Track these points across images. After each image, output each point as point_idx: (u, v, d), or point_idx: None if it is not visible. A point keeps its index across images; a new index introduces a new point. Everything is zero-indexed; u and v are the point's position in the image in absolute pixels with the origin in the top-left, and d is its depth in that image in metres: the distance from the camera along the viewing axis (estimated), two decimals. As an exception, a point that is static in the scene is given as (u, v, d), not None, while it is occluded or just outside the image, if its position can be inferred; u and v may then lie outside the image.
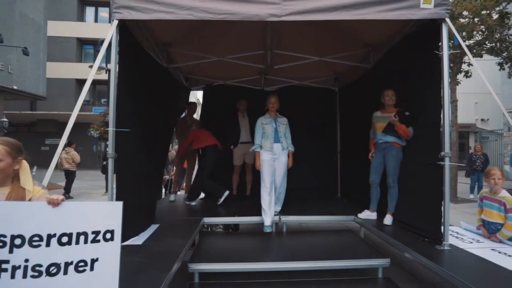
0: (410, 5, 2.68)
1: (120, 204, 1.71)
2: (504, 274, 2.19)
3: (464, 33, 7.93)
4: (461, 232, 3.23)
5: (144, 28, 3.35)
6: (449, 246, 2.71)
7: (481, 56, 9.16)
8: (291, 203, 4.44)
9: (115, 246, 1.66)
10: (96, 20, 22.91)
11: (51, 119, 20.46)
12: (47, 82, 13.25)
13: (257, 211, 3.86)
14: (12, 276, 1.43)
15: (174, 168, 6.45)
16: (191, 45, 4.26)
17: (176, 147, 7.49)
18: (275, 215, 3.88)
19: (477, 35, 7.81)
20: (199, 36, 4.04)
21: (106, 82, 21.15)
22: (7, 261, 1.43)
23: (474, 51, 8.86)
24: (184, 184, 6.09)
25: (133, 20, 2.76)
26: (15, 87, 10.17)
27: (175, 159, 5.63)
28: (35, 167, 14.96)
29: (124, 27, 2.77)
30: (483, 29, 7.18)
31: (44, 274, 1.48)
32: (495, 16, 7.26)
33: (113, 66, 2.63)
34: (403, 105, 3.49)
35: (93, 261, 1.59)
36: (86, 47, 22.86)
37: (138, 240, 2.93)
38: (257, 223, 3.91)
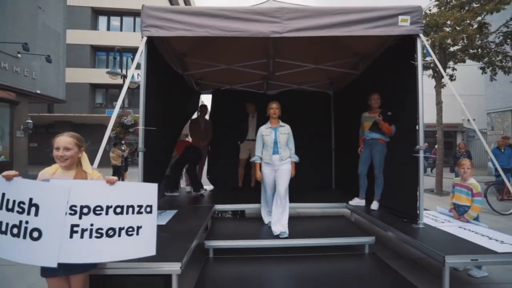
0: (390, 23, 3.03)
1: (155, 185, 2.08)
2: (465, 244, 2.55)
3: (449, 40, 8.27)
4: (436, 215, 3.58)
5: (165, 42, 3.71)
6: (423, 224, 3.07)
7: (464, 61, 9.49)
8: (290, 194, 4.77)
9: (153, 217, 2.03)
10: (108, 29, 23.29)
11: (67, 121, 20.81)
12: (63, 86, 13.68)
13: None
14: (81, 236, 1.80)
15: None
16: (203, 55, 4.62)
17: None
18: (280, 237, 3.37)
19: (460, 42, 8.14)
20: (210, 47, 4.39)
21: (118, 86, 21.56)
22: (77, 225, 1.80)
23: (458, 56, 9.21)
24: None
25: (158, 37, 3.11)
26: (38, 91, 10.54)
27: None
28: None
29: (151, 42, 3.14)
30: (464, 37, 7.50)
31: (104, 235, 1.85)
32: (475, 26, 7.59)
33: (143, 75, 2.99)
34: (387, 106, 3.84)
35: (138, 228, 1.96)
36: (99, 54, 23.26)
37: (162, 221, 3.30)
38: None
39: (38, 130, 20.47)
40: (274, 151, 3.55)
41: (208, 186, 5.93)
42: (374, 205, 3.94)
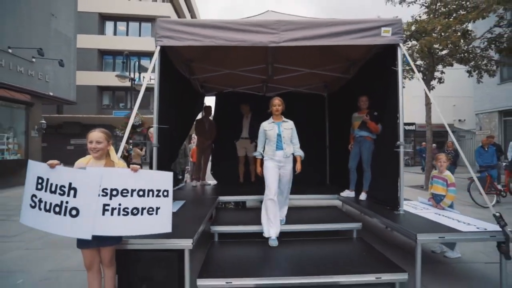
0: (374, 34, 3.34)
1: (171, 173, 2.40)
2: (436, 226, 2.86)
3: (437, 45, 8.58)
4: (416, 204, 3.89)
5: (174, 49, 4.02)
6: (403, 211, 3.37)
7: (452, 65, 9.80)
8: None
9: (170, 200, 2.34)
10: (115, 33, 23.62)
11: (76, 121, 21.14)
12: (72, 89, 14.00)
13: (261, 191, 4.41)
14: (111, 214, 2.11)
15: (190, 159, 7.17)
16: (207, 61, 4.93)
17: (191, 144, 8.18)
18: (281, 224, 3.43)
19: (446, 48, 8.45)
20: (214, 54, 4.70)
21: (124, 89, 21.90)
22: (108, 205, 2.11)
23: (446, 60, 9.52)
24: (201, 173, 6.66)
25: (170, 46, 3.43)
26: (51, 94, 10.86)
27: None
28: (62, 164, 15.90)
29: (163, 50, 3.45)
30: (449, 43, 7.81)
31: (130, 213, 2.16)
32: (459, 33, 7.90)
33: (156, 80, 3.30)
34: (374, 107, 4.14)
35: (157, 208, 2.27)
36: (106, 57, 23.59)
37: (172, 209, 3.60)
38: (260, 200, 4.53)
39: (48, 131, 20.68)
40: (278, 146, 3.35)
41: (212, 181, 6.25)
42: (363, 196, 4.25)
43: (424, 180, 9.46)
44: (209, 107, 6.11)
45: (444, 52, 9.23)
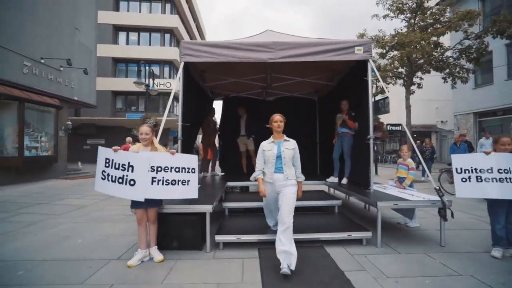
0: (349, 52, 4.06)
1: (196, 156, 3.13)
2: (393, 197, 3.56)
3: (415, 55, 9.31)
4: (385, 185, 4.59)
5: (192, 63, 4.73)
6: (374, 190, 4.08)
7: (429, 72, 10.53)
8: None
9: (196, 175, 3.05)
10: (127, 43, 24.38)
11: (92, 123, 21.91)
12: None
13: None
14: (157, 184, 2.84)
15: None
16: (217, 71, 5.65)
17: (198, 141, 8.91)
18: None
19: (422, 57, 9.18)
20: (222, 66, 5.38)
21: (135, 93, 22.65)
22: (155, 177, 2.84)
23: (424, 68, 10.26)
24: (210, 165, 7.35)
25: (190, 61, 4.15)
26: (75, 98, 11.58)
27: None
28: (79, 162, 16.29)
29: (185, 65, 4.17)
30: (423, 53, 8.55)
31: (170, 184, 2.88)
32: (432, 45, 8.64)
33: (181, 89, 4.03)
34: (352, 108, 4.86)
35: (188, 181, 2.99)
36: (119, 65, 24.35)
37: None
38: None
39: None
40: (277, 169, 2.86)
41: (220, 173, 6.97)
42: (344, 181, 4.95)
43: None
44: (214, 108, 6.84)
45: (421, 61, 9.97)
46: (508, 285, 2.39)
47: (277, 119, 2.93)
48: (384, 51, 10.14)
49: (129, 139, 9.32)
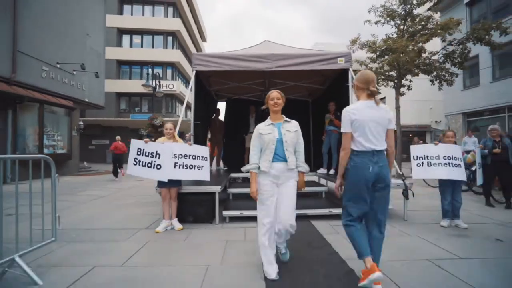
0: (333, 62, 4.90)
1: (207, 147, 3.97)
2: (369, 182, 4.39)
3: (402, 60, 10.15)
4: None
5: (202, 71, 5.59)
6: (353, 177, 4.90)
7: (418, 75, 11.34)
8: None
9: (208, 162, 3.89)
10: (131, 46, 25.25)
11: (97, 124, 22.77)
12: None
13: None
14: (179, 168, 3.67)
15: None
16: (222, 76, 6.49)
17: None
18: (281, 252, 2.59)
19: (407, 62, 10.00)
20: (226, 72, 6.22)
21: (139, 95, 23.50)
22: (177, 163, 3.67)
23: (413, 71, 11.06)
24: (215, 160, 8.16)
25: (200, 70, 4.99)
26: (87, 100, 12.43)
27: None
28: (85, 162, 17.13)
29: (196, 73, 5.00)
30: (408, 59, 9.37)
31: (188, 168, 3.72)
32: (416, 51, 9.47)
33: (193, 94, 4.87)
34: (338, 109, 5.69)
35: (202, 166, 3.83)
36: (123, 67, 25.21)
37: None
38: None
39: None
40: (278, 156, 2.33)
41: (224, 168, 7.80)
42: (331, 171, 5.78)
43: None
44: (219, 109, 7.68)
45: (407, 66, 10.78)
46: (441, 240, 3.23)
47: (274, 96, 2.40)
48: (375, 56, 10.96)
49: (118, 137, 10.58)
